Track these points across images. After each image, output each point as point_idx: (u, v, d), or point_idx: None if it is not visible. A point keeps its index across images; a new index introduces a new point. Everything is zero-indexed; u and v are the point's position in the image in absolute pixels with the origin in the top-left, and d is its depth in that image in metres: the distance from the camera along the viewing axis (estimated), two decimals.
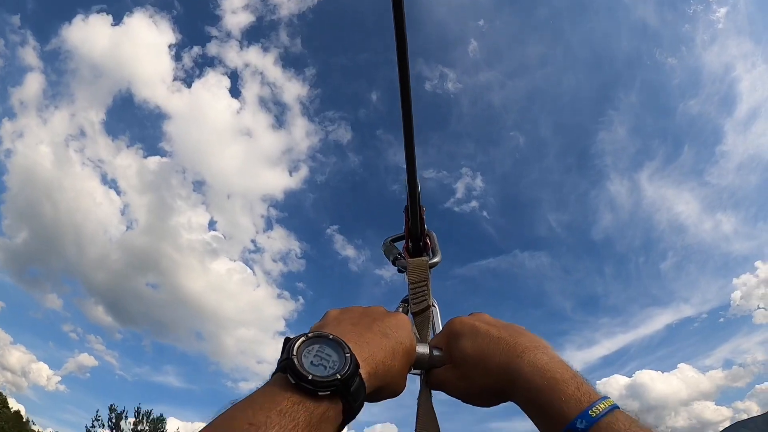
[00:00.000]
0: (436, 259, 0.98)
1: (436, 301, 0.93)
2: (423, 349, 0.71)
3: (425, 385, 0.72)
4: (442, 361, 0.70)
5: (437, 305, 0.93)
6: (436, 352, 0.71)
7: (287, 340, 0.52)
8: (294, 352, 0.49)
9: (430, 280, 0.95)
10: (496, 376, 0.63)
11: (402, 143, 0.95)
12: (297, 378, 0.47)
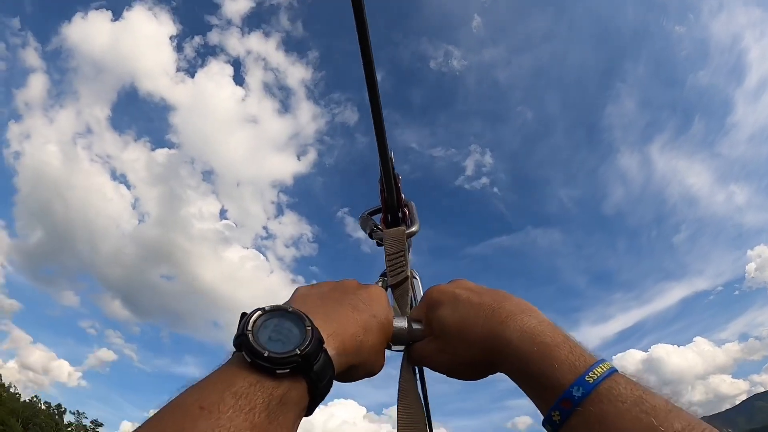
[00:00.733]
0: (413, 228, 0.93)
1: (416, 272, 0.89)
2: (401, 323, 0.67)
3: (407, 361, 0.68)
4: (423, 335, 0.66)
5: (418, 276, 0.89)
6: (416, 325, 0.67)
7: (243, 315, 0.47)
8: (249, 327, 0.45)
9: (409, 250, 0.90)
10: (481, 346, 0.58)
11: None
12: (252, 355, 0.43)
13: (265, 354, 0.43)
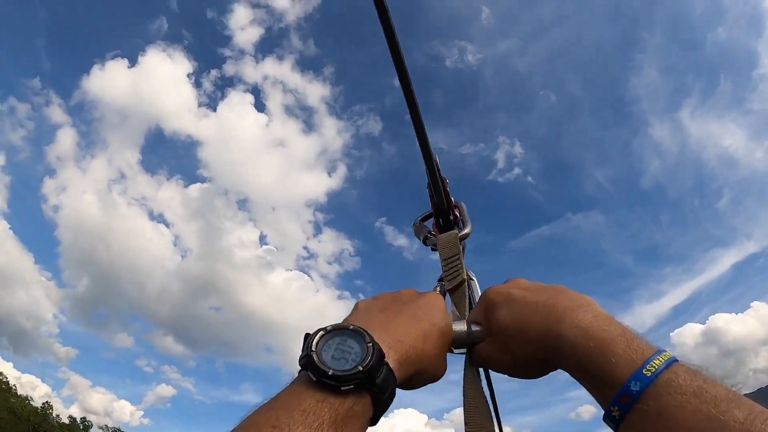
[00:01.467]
0: (466, 231, 0.93)
1: (473, 273, 0.88)
2: (460, 327, 0.67)
3: (469, 363, 0.68)
4: (483, 336, 0.66)
5: (475, 278, 0.88)
6: (475, 328, 0.67)
7: (307, 336, 0.50)
8: (313, 348, 0.47)
9: (463, 253, 0.90)
10: (539, 344, 0.57)
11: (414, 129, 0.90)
12: (318, 374, 0.45)
13: (330, 372, 0.45)
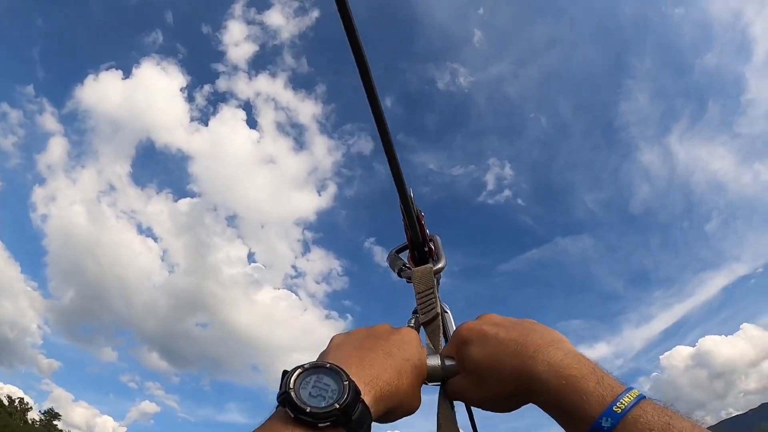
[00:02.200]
0: (440, 265, 0.94)
1: (447, 306, 0.89)
2: (434, 361, 0.68)
3: (443, 396, 0.69)
4: (456, 371, 0.67)
5: (449, 311, 0.89)
6: (449, 362, 0.68)
7: (285, 373, 0.51)
8: (291, 385, 0.49)
9: (438, 286, 0.90)
10: (512, 381, 0.59)
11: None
12: (295, 411, 0.47)
13: (308, 410, 0.47)
